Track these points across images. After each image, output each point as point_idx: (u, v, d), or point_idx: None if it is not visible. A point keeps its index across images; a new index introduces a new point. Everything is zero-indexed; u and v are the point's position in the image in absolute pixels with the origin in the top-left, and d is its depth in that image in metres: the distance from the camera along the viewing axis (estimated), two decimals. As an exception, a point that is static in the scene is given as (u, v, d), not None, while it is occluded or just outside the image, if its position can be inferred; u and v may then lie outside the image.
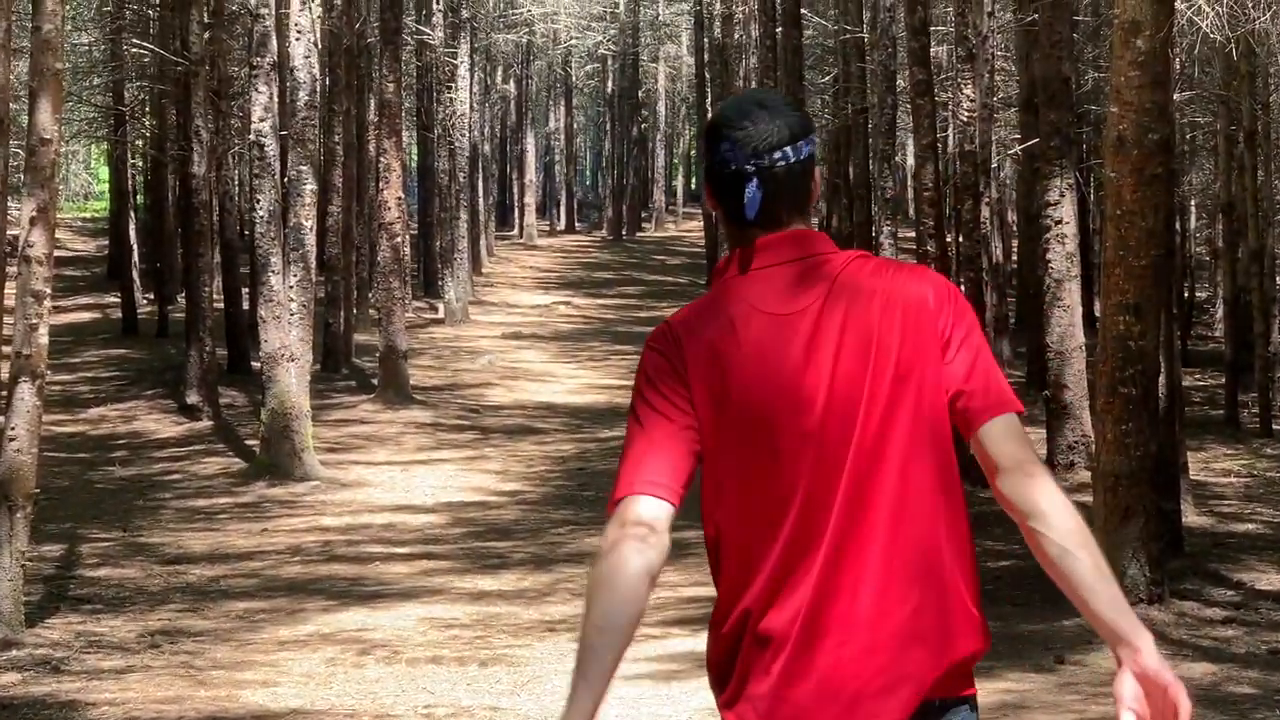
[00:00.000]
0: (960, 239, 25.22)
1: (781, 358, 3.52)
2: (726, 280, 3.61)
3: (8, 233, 15.58)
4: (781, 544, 3.53)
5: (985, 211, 23.33)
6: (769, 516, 3.53)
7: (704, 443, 3.54)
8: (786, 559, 3.53)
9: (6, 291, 15.13)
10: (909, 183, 34.47)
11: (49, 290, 13.62)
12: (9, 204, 15.58)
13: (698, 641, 12.34)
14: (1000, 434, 3.55)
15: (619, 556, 3.48)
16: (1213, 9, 13.89)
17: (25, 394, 13.29)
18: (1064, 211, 18.91)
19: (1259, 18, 16.52)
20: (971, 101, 23.82)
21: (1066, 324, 19.18)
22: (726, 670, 3.62)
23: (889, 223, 27.68)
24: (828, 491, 3.50)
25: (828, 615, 3.49)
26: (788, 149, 3.57)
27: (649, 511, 3.49)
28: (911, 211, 32.15)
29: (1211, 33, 14.95)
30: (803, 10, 32.65)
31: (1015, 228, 35.27)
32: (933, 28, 26.62)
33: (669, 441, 3.54)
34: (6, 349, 14.55)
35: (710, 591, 12.64)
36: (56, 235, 14.38)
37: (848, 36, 35.22)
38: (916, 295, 3.56)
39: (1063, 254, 18.86)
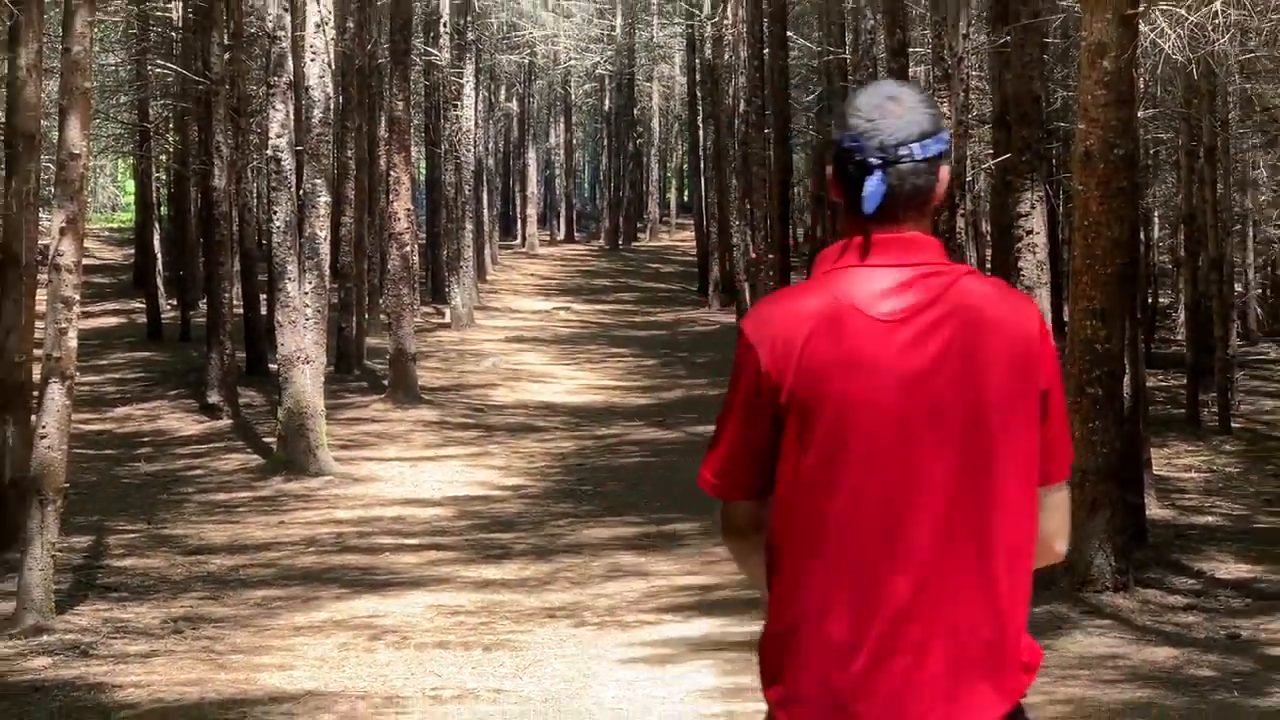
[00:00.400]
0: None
1: (869, 361, 3.38)
2: (832, 273, 3.46)
3: (39, 242, 15.59)
4: (862, 551, 3.39)
5: (961, 222, 23.29)
6: (851, 521, 3.39)
7: (787, 436, 3.41)
8: (867, 569, 3.39)
9: (38, 298, 15.15)
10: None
11: (78, 297, 13.63)
12: (40, 215, 15.59)
13: (689, 627, 12.38)
14: (1053, 504, 3.55)
15: (749, 548, 3.59)
16: (1174, 32, 13.89)
17: (55, 394, 13.31)
18: (1034, 222, 18.87)
19: (1218, 40, 16.52)
20: (948, 119, 23.81)
21: (1037, 328, 19.13)
22: (780, 669, 3.49)
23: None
24: (910, 507, 3.39)
25: (905, 635, 3.37)
26: (915, 145, 3.43)
27: (750, 515, 3.55)
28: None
29: (1173, 54, 14.94)
30: (788, 33, 32.70)
31: (989, 238, 35.33)
32: (911, 49, 26.59)
33: (753, 435, 3.46)
34: (38, 352, 14.59)
35: (699, 581, 12.61)
36: (85, 245, 14.39)
37: (831, 57, 35.27)
38: (1024, 334, 3.44)
39: (1034, 262, 18.82)
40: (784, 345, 3.38)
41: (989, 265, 37.85)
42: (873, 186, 3.39)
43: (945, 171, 3.51)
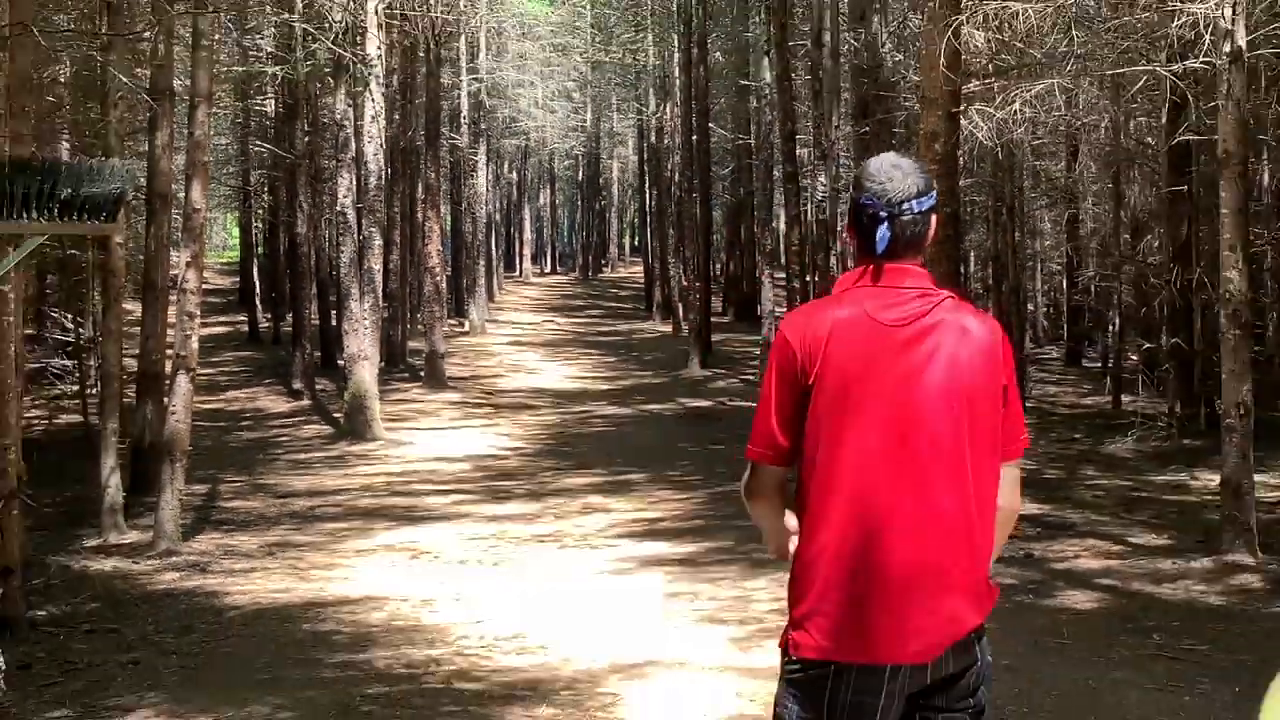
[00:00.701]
0: (816, 280, 25.28)
1: (877, 354, 3.38)
2: (850, 290, 3.46)
3: (170, 272, 15.50)
4: (870, 495, 3.36)
5: (834, 261, 23.32)
6: (857, 487, 3.36)
7: (812, 406, 3.39)
8: (874, 509, 3.36)
9: (169, 312, 15.08)
10: (781, 241, 34.50)
11: (198, 312, 13.59)
12: (171, 253, 15.50)
13: (640, 548, 12.37)
14: (1010, 479, 3.52)
15: (773, 511, 3.55)
16: (986, 125, 13.89)
17: (181, 382, 13.26)
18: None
19: (1017, 130, 16.61)
20: (824, 186, 23.85)
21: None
22: (807, 589, 3.42)
23: (768, 268, 27.70)
24: (907, 479, 3.36)
25: (903, 561, 3.33)
26: (913, 202, 3.44)
27: (777, 480, 3.52)
28: (783, 260, 32.11)
29: (985, 140, 14.96)
30: (709, 124, 32.66)
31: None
32: (797, 135, 26.62)
33: (788, 413, 3.41)
34: (169, 352, 14.56)
35: (647, 515, 12.44)
36: (203, 274, 14.33)
37: (740, 142, 35.28)
38: (990, 344, 3.44)
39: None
40: (814, 339, 3.38)
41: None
42: (882, 233, 3.42)
43: (934, 219, 3.52)
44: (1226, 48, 11.51)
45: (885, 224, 3.42)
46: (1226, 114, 11.72)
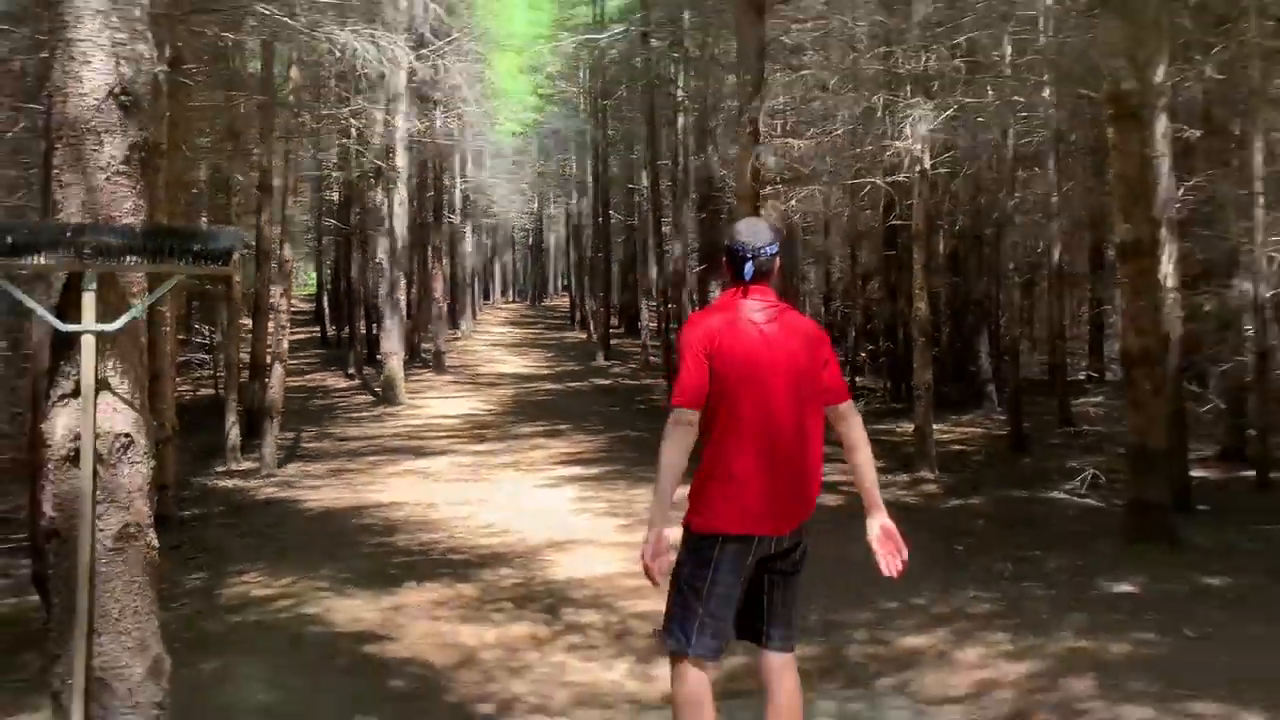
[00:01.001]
0: (672, 307, 25.30)
1: (755, 344, 3.28)
2: (730, 303, 3.36)
3: (270, 300, 15.10)
4: (750, 437, 3.24)
5: (685, 296, 23.34)
6: (744, 421, 3.24)
7: (714, 376, 3.24)
8: (759, 441, 3.24)
9: (269, 325, 14.69)
10: (654, 284, 34.60)
11: (288, 324, 13.32)
12: (270, 288, 15.09)
13: (568, 471, 12.31)
14: (845, 410, 3.42)
15: (685, 438, 3.19)
16: (776, 213, 14.01)
17: (277, 369, 12.99)
18: (717, 296, 18.95)
19: (794, 216, 16.76)
20: (679, 250, 23.88)
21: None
22: (709, 499, 3.27)
23: (645, 300, 27.73)
24: (772, 415, 3.25)
25: (776, 479, 3.25)
26: (767, 248, 3.36)
27: (693, 417, 3.22)
28: (654, 295, 32.15)
29: (776, 223, 15.07)
30: (610, 211, 32.55)
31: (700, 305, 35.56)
32: (663, 219, 26.64)
33: (701, 376, 3.22)
34: (269, 349, 14.18)
35: (572, 451, 12.27)
36: (291, 301, 14.01)
37: (628, 222, 35.26)
38: (815, 334, 3.41)
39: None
40: (713, 331, 3.29)
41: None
42: (748, 268, 3.35)
43: (778, 261, 3.42)
44: (918, 169, 11.73)
45: (749, 262, 3.36)
46: (918, 207, 11.95)
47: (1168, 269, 9.62)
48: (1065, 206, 15.81)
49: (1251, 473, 10.58)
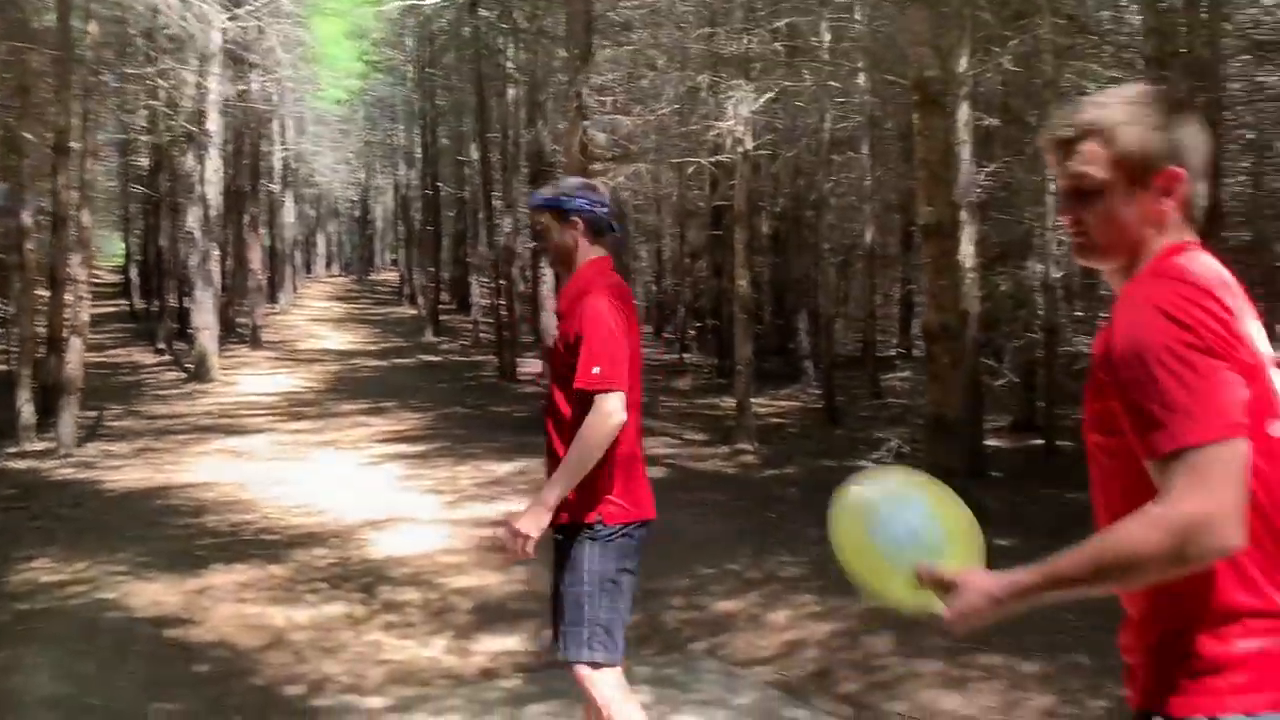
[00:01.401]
0: (504, 283, 25.06)
1: (631, 317, 3.05)
2: (609, 272, 3.11)
3: (67, 269, 14.10)
4: (635, 414, 2.98)
5: (515, 271, 23.18)
6: (634, 399, 2.99)
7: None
8: (636, 426, 3.00)
9: (66, 296, 13.74)
10: (485, 259, 34.21)
11: (87, 295, 12.51)
12: (68, 255, 14.07)
13: (390, 449, 12.05)
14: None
15: (619, 429, 2.88)
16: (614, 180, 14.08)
17: (75, 342, 12.18)
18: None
19: (622, 194, 16.85)
20: (509, 225, 23.62)
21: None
22: (614, 481, 2.98)
23: (476, 274, 27.40)
24: (637, 390, 3.02)
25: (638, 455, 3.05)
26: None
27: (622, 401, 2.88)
28: (485, 270, 31.82)
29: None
30: (439, 184, 31.97)
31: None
32: (493, 193, 26.28)
33: (624, 356, 2.93)
34: (67, 322, 13.27)
35: (394, 428, 12.08)
36: (92, 271, 13.13)
37: (459, 195, 34.68)
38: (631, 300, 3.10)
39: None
40: (617, 307, 2.99)
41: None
42: (617, 230, 3.18)
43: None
44: (740, 149, 12.02)
45: (614, 224, 3.17)
46: (740, 188, 12.26)
47: (967, 250, 10.21)
48: (878, 190, 16.55)
49: (1040, 441, 11.40)
